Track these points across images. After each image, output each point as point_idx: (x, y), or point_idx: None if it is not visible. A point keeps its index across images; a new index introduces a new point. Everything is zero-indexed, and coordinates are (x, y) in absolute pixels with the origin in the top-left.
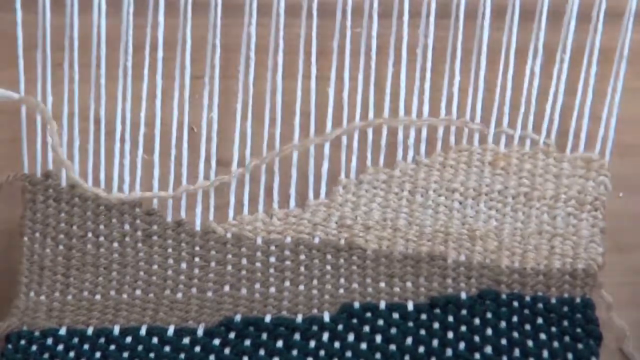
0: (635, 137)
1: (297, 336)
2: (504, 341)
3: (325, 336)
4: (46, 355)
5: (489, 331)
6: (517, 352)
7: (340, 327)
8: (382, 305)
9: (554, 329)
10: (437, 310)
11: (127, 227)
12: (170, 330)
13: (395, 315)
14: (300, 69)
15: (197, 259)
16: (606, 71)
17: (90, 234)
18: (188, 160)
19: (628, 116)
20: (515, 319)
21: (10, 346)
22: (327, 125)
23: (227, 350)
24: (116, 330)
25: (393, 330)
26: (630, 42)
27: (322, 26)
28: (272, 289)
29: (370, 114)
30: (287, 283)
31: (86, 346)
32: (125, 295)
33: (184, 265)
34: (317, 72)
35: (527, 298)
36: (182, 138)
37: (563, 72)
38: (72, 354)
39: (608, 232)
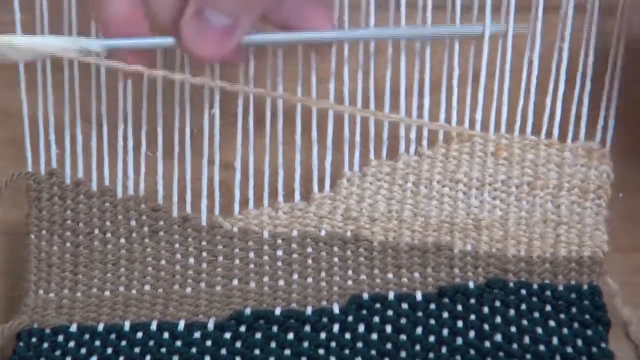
0: (635, 138)
1: (307, 328)
2: (513, 329)
3: (336, 327)
4: (58, 352)
5: (498, 319)
6: (527, 339)
7: (350, 318)
8: (391, 295)
9: (562, 316)
10: (446, 300)
11: (133, 223)
12: (181, 325)
13: (405, 306)
14: (300, 66)
15: (204, 254)
16: (604, 60)
17: (97, 231)
18: (191, 161)
19: (627, 117)
20: (523, 307)
21: (21, 344)
22: (328, 122)
23: (238, 344)
24: (127, 326)
25: (403, 321)
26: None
27: None
28: (281, 282)
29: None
30: (296, 276)
31: (97, 342)
32: (134, 291)
33: (191, 260)
34: (316, 69)
35: (535, 286)
36: (184, 137)
37: (563, 62)
38: (83, 350)
39: (608, 233)
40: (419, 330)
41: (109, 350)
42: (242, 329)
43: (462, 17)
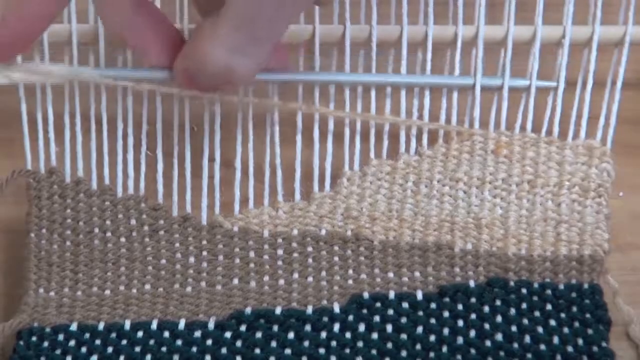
0: (635, 137)
1: (308, 327)
2: (514, 328)
3: (336, 327)
4: (58, 351)
5: (499, 318)
6: (527, 338)
7: (350, 317)
8: (392, 295)
9: (563, 315)
10: (447, 299)
11: (133, 222)
12: (181, 324)
13: (405, 305)
14: (301, 67)
15: (204, 253)
16: (606, 60)
17: (97, 230)
18: (191, 159)
19: (628, 116)
20: (524, 305)
21: (21, 343)
22: (329, 121)
23: (238, 343)
24: (127, 325)
25: (403, 320)
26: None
27: (321, 20)
28: (281, 281)
29: (372, 109)
30: (296, 275)
31: (97, 341)
32: (134, 290)
33: (192, 260)
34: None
35: (535, 285)
36: (184, 136)
37: (563, 59)
38: (83, 349)
39: (608, 231)
40: (420, 329)
41: (110, 349)
42: (243, 328)
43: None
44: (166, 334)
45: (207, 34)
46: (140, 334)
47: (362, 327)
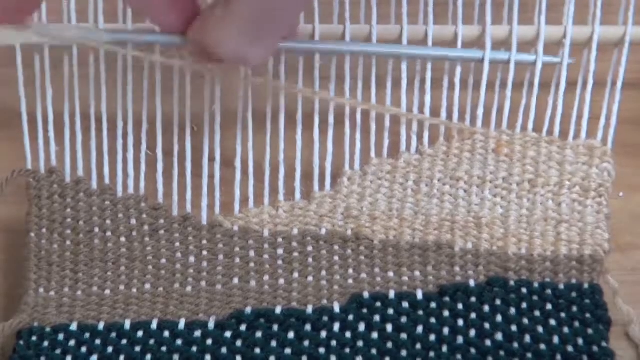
0: (635, 137)
1: (308, 327)
2: (514, 328)
3: (336, 326)
4: (58, 351)
5: (499, 318)
6: (527, 338)
7: (350, 317)
8: (392, 294)
9: (563, 314)
10: (447, 299)
11: (133, 221)
12: (181, 324)
13: (405, 304)
14: (302, 66)
15: (205, 253)
16: (606, 60)
17: (97, 229)
18: (191, 159)
19: (628, 116)
20: (524, 305)
21: (22, 343)
22: (329, 120)
23: (238, 343)
24: (127, 324)
25: (403, 319)
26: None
27: (321, 20)
28: (281, 281)
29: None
30: (296, 274)
31: (97, 341)
32: (134, 290)
33: (192, 259)
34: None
35: (536, 284)
36: (184, 136)
37: (564, 59)
38: (83, 349)
39: (608, 231)
40: (420, 329)
41: (110, 349)
42: (243, 327)
43: (463, 13)
44: (166, 333)
45: (219, 22)
46: (140, 333)
47: (362, 327)
